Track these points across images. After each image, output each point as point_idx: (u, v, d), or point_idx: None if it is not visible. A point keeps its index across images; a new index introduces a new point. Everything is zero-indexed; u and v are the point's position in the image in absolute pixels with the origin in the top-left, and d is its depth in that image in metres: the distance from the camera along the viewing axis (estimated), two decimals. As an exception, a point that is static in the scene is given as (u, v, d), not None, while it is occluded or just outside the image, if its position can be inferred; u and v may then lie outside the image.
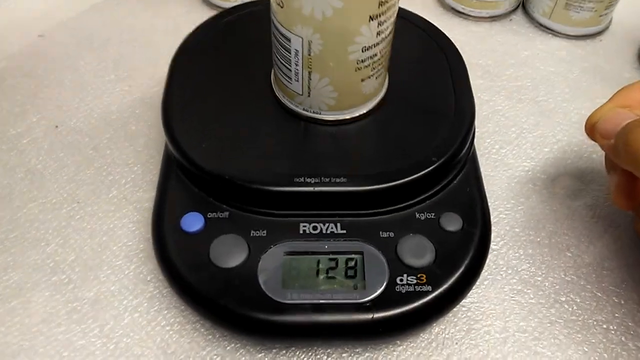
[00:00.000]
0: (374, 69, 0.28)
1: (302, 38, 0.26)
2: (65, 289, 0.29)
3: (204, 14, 0.43)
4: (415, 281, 0.27)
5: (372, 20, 0.26)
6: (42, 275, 0.29)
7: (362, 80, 0.28)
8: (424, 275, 0.27)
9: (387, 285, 0.27)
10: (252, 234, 0.28)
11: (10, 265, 0.30)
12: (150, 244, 0.30)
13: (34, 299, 0.28)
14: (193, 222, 0.28)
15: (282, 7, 0.26)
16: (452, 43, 0.35)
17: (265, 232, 0.28)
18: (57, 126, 0.36)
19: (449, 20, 0.44)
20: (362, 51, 0.27)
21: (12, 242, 0.30)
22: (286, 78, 0.29)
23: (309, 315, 0.26)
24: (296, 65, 0.28)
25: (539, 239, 0.31)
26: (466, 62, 0.34)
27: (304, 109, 0.30)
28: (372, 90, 0.30)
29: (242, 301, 0.26)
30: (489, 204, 0.30)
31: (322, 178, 0.28)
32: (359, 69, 0.28)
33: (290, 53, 0.27)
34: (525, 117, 0.37)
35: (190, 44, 0.34)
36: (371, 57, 0.27)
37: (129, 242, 0.31)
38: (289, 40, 0.27)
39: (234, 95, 0.32)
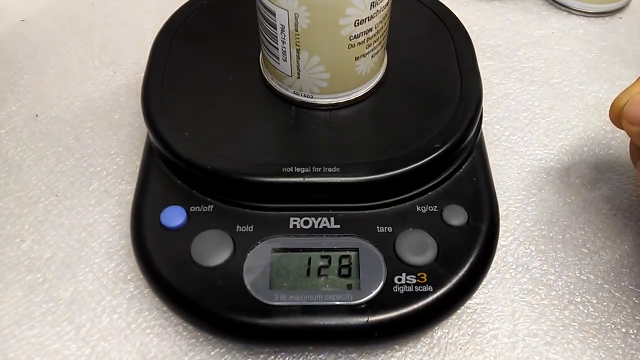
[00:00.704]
0: (369, 46, 0.26)
1: (287, 11, 0.24)
2: (39, 289, 0.27)
3: None
4: (415, 281, 0.24)
5: None
6: (15, 274, 0.27)
7: (357, 59, 0.26)
8: (425, 274, 0.25)
9: (384, 285, 0.24)
10: (237, 229, 0.26)
11: (-18, 263, 0.28)
12: (130, 241, 0.28)
13: (5, 299, 0.27)
14: (174, 216, 0.26)
15: None
16: (459, 21, 0.33)
17: (252, 227, 0.26)
18: (37, 115, 0.34)
19: (457, -2, 0.41)
20: (355, 25, 0.24)
21: (-15, 238, 0.29)
22: (274, 58, 0.27)
23: (298, 318, 0.24)
24: (283, 42, 0.25)
25: (552, 234, 0.29)
26: (474, 43, 0.31)
27: (294, 93, 0.28)
28: (368, 71, 0.27)
29: (227, 303, 0.24)
30: (498, 195, 0.27)
31: (314, 168, 0.26)
32: (352, 45, 0.25)
33: (275, 29, 0.25)
34: (538, 101, 0.35)
35: (174, 25, 0.32)
36: (365, 33, 0.25)
37: (109, 238, 0.29)
38: (273, 14, 0.24)
39: (220, 79, 0.30)
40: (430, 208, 0.26)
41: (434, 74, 0.30)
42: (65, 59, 0.37)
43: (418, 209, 0.26)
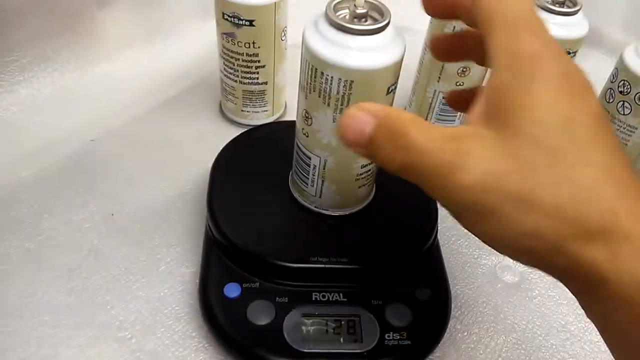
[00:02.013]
0: (368, 179, 0.40)
1: (320, 157, 0.37)
2: (129, 343, 0.37)
3: (226, 129, 0.54)
4: (399, 337, 0.36)
5: None
6: (110, 331, 0.37)
7: (360, 187, 0.40)
8: (405, 333, 0.37)
9: (378, 339, 0.36)
10: (277, 300, 0.37)
11: (85, 323, 0.38)
12: (193, 308, 0.39)
13: (106, 350, 0.36)
14: (233, 290, 0.38)
15: (307, 137, 0.37)
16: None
17: (286, 298, 0.38)
18: (112, 214, 0.45)
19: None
20: (361, 167, 0.38)
21: (84, 304, 0.39)
22: (303, 184, 0.40)
23: (322, 361, 0.35)
24: (313, 175, 0.39)
25: (485, 309, 0.42)
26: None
27: (315, 207, 0.41)
28: (366, 194, 0.41)
29: (272, 350, 0.35)
30: (450, 282, 0.41)
31: (331, 258, 0.38)
32: (357, 179, 0.39)
33: (309, 167, 0.39)
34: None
35: (226, 152, 0.45)
36: (367, 172, 0.39)
37: (177, 307, 0.39)
38: (309, 158, 0.38)
39: (261, 193, 0.42)
40: (407, 288, 0.39)
41: (404, 195, 0.44)
42: (130, 172, 0.49)
43: (399, 289, 0.39)
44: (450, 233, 0.47)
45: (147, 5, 0.60)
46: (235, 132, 0.53)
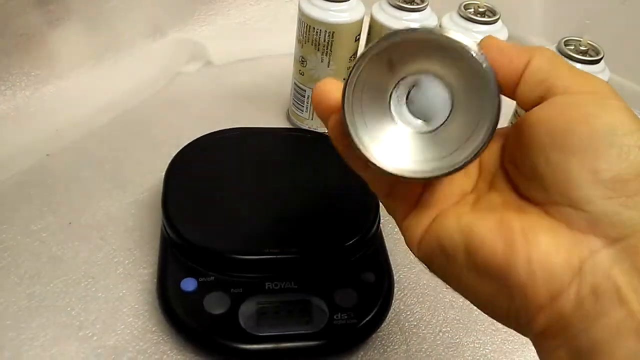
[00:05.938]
0: None
1: (311, 89, 0.47)
2: (90, 340, 0.39)
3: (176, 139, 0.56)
4: (346, 317, 0.40)
5: None
6: (71, 331, 0.39)
7: None
8: (352, 313, 0.40)
9: (328, 320, 0.39)
10: (232, 291, 0.40)
11: (46, 324, 0.39)
12: (152, 306, 0.41)
13: (67, 348, 0.38)
14: (189, 284, 0.40)
15: (302, 75, 0.54)
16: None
17: (241, 289, 0.40)
18: (70, 222, 0.47)
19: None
20: None
21: (45, 308, 0.40)
22: (299, 110, 0.58)
23: (276, 343, 0.38)
24: (307, 103, 0.57)
25: (426, 291, 0.46)
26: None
27: (308, 127, 0.47)
28: None
29: (229, 336, 0.38)
30: (393, 266, 0.44)
31: (282, 249, 0.41)
32: None
33: (304, 97, 0.56)
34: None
35: (179, 158, 0.47)
36: None
37: (136, 305, 0.41)
38: (304, 91, 0.56)
39: (212, 193, 0.45)
40: (353, 273, 0.42)
41: (349, 192, 0.48)
42: (86, 183, 0.50)
43: (346, 274, 0.42)
44: (393, 224, 0.51)
45: (97, 25, 0.62)
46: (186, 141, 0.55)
